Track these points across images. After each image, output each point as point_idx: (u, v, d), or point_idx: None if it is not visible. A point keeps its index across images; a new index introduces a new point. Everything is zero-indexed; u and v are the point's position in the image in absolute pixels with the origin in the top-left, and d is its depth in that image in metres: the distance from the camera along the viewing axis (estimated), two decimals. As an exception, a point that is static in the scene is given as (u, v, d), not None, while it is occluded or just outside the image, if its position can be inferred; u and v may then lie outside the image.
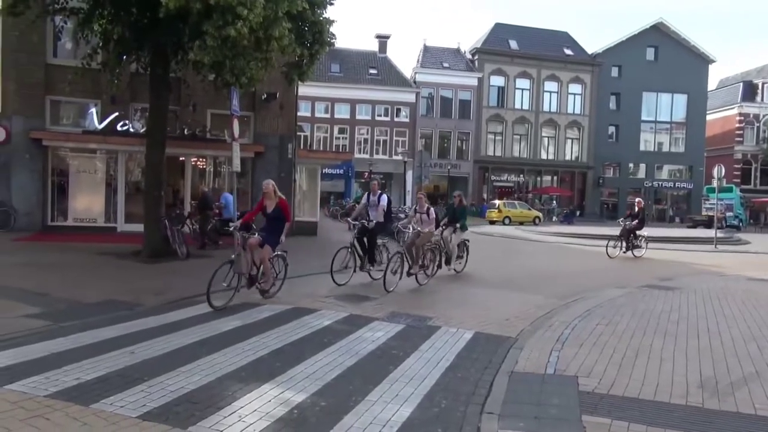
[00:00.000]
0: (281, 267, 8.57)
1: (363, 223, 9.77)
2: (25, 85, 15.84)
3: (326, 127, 41.79)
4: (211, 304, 7.22)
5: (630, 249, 16.16)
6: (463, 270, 12.02)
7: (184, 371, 4.81)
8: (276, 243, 8.05)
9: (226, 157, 17.28)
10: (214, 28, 9.55)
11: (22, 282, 8.41)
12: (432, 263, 10.51)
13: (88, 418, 3.78)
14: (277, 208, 7.98)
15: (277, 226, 8.02)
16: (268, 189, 8.04)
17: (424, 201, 10.53)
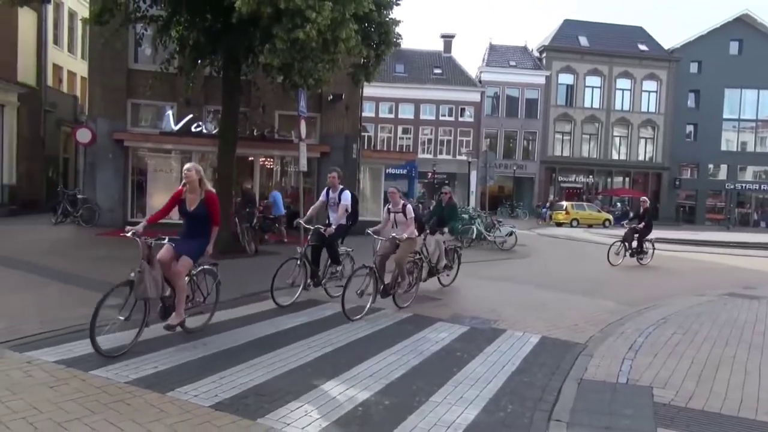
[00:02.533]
0: (209, 287, 6.10)
1: (318, 228, 7.80)
2: (109, 89, 16.83)
3: (390, 127, 41.97)
4: (276, 302, 7.15)
5: (635, 255, 14.30)
6: (452, 284, 9.86)
7: (253, 365, 4.95)
8: (198, 253, 5.66)
9: (293, 157, 17.68)
10: (283, 31, 9.78)
11: (106, 274, 8.91)
12: (411, 277, 8.17)
13: (164, 405, 3.96)
14: (201, 205, 5.61)
15: (200, 229, 5.68)
16: (189, 177, 5.58)
17: (397, 196, 7.89)
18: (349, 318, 6.68)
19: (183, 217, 5.74)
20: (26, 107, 20.89)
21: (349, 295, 6.94)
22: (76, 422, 3.58)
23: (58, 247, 12.43)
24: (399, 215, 7.88)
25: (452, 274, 10.01)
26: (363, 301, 7.14)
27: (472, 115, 42.46)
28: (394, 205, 7.92)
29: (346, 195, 8.09)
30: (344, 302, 6.70)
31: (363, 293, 7.17)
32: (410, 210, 7.81)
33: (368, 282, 7.26)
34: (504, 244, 17.07)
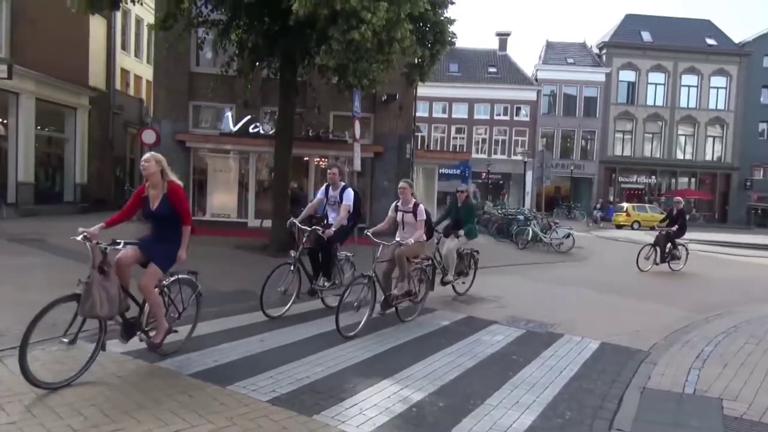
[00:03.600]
0: (186, 300, 5.14)
1: (316, 229, 6.87)
2: (172, 91, 17.48)
3: (444, 127, 41.73)
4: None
5: (666, 260, 13.15)
6: (467, 292, 8.90)
7: (309, 362, 5.02)
8: (169, 260, 4.76)
9: (347, 157, 17.81)
10: (339, 32, 9.89)
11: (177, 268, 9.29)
12: (423, 286, 7.20)
13: (224, 398, 4.08)
14: (164, 202, 4.68)
15: (168, 232, 4.76)
16: (147, 169, 4.65)
17: (409, 193, 6.78)
18: (343, 335, 5.69)
19: (147, 219, 4.82)
20: (96, 110, 22.01)
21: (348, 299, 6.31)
22: (143, 411, 3.73)
23: (125, 243, 13.00)
24: (408, 215, 6.77)
25: (468, 281, 9.03)
26: (361, 315, 6.16)
27: (528, 114, 41.65)
28: (404, 202, 6.80)
29: (349, 193, 7.11)
30: (339, 317, 5.72)
31: (360, 306, 6.15)
32: (422, 211, 6.72)
33: (366, 293, 6.23)
34: (561, 246, 16.65)
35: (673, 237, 13.21)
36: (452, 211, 9.14)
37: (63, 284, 4.66)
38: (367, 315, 6.18)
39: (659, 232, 13.46)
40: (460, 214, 8.93)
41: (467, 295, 8.83)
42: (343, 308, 5.83)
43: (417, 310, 7.09)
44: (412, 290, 6.88)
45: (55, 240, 12.02)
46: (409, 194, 6.76)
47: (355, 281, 6.27)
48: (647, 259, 13.09)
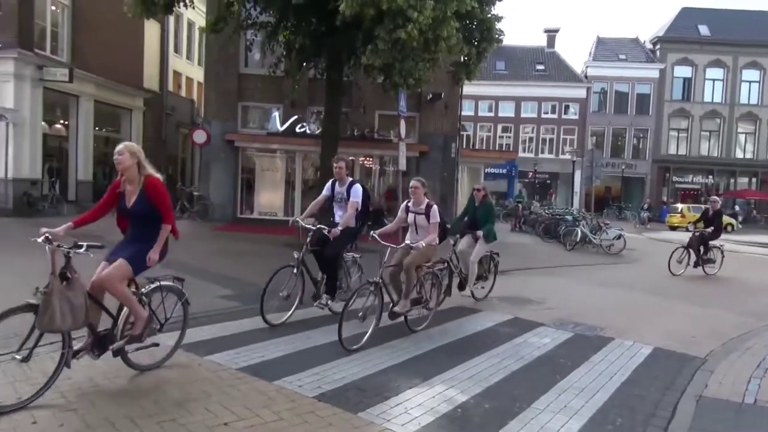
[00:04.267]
0: (169, 310, 4.58)
1: (321, 229, 6.24)
2: (222, 92, 17.95)
3: (490, 125, 41.24)
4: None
5: (700, 264, 12.43)
6: (487, 296, 8.36)
7: (353, 360, 5.05)
8: (141, 259, 4.19)
9: (392, 157, 17.87)
10: (385, 31, 9.92)
11: (220, 266, 9.53)
12: (435, 291, 6.57)
13: (271, 392, 4.15)
14: (142, 197, 4.23)
15: (147, 231, 4.29)
16: (121, 162, 4.19)
17: (421, 193, 6.19)
18: (345, 348, 5.16)
19: (123, 217, 4.38)
20: (150, 111, 22.82)
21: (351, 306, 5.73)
22: (194, 403, 3.84)
23: (179, 239, 13.43)
24: (420, 217, 6.18)
25: (488, 285, 8.44)
26: (367, 325, 5.59)
27: (577, 113, 40.67)
28: (416, 203, 6.20)
29: (357, 189, 6.48)
30: (342, 327, 5.15)
31: (366, 316, 5.59)
32: (436, 213, 6.08)
33: (372, 302, 5.63)
34: (611, 247, 16.19)
35: (708, 239, 12.50)
36: (469, 211, 8.49)
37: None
38: (373, 325, 5.60)
39: (693, 233, 12.77)
40: (477, 213, 8.25)
41: (511, 296, 8.70)
42: (347, 316, 5.28)
43: (429, 318, 6.46)
44: (423, 297, 6.27)
45: (111, 237, 12.52)
46: (422, 194, 6.17)
47: (360, 289, 5.64)
48: (680, 263, 12.38)
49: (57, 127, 18.10)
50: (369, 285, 5.63)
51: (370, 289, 5.60)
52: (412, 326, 6.20)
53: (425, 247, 5.90)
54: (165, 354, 4.59)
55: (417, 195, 6.18)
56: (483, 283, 8.34)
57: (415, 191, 6.17)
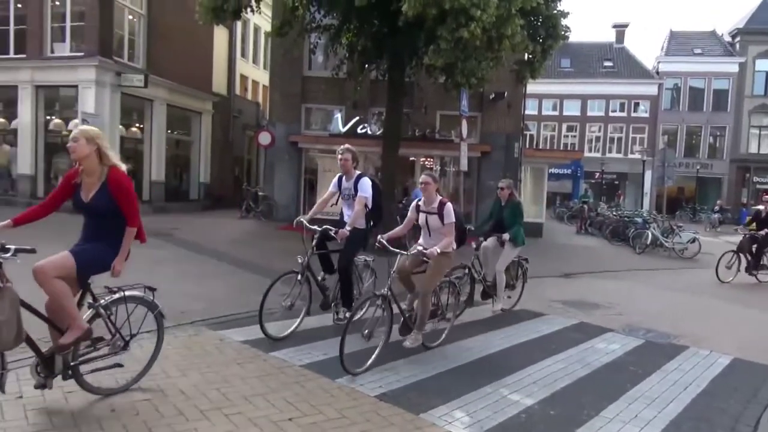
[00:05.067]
0: (135, 325, 3.90)
1: (327, 229, 5.59)
2: (286, 95, 18.36)
3: (554, 125, 40.17)
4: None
5: (753, 270, 11.25)
6: (514, 307, 7.54)
7: (415, 361, 5.05)
8: (92, 259, 3.59)
9: (452, 157, 17.74)
10: (447, 31, 9.84)
11: (285, 265, 9.72)
12: (454, 301, 5.87)
13: (334, 390, 4.20)
14: (103, 191, 3.60)
15: (103, 229, 3.66)
16: (77, 150, 3.52)
17: (433, 189, 5.33)
18: (347, 370, 4.44)
19: (79, 212, 3.71)
20: (218, 114, 23.65)
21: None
22: (260, 398, 3.95)
23: (245, 238, 13.88)
24: (432, 217, 5.33)
25: (515, 295, 7.60)
26: (374, 343, 4.89)
27: (648, 110, 38.95)
28: (428, 201, 5.36)
29: (365, 183, 5.74)
30: (344, 346, 4.40)
31: (371, 334, 4.84)
32: (450, 211, 5.23)
33: (380, 317, 4.89)
34: (684, 251, 15.42)
35: (762, 242, 11.35)
36: (494, 212, 7.55)
37: (188, 275, 5.03)
38: (382, 343, 4.88)
39: (743, 236, 11.62)
40: (503, 214, 7.32)
41: (577, 300, 8.43)
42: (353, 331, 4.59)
43: (446, 332, 5.71)
44: (439, 308, 5.57)
45: (181, 234, 13.11)
46: (433, 190, 5.30)
47: (365, 302, 4.99)
48: (729, 269, 11.33)
49: (133, 130, 19.07)
50: (375, 298, 4.89)
51: (377, 303, 4.86)
52: (427, 342, 5.42)
53: (441, 256, 5.07)
54: (133, 376, 3.99)
55: (428, 191, 5.30)
56: (509, 292, 7.49)
57: (426, 187, 5.28)
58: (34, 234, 3.58)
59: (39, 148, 17.50)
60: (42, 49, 17.02)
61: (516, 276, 7.66)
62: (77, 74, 16.55)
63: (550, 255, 14.65)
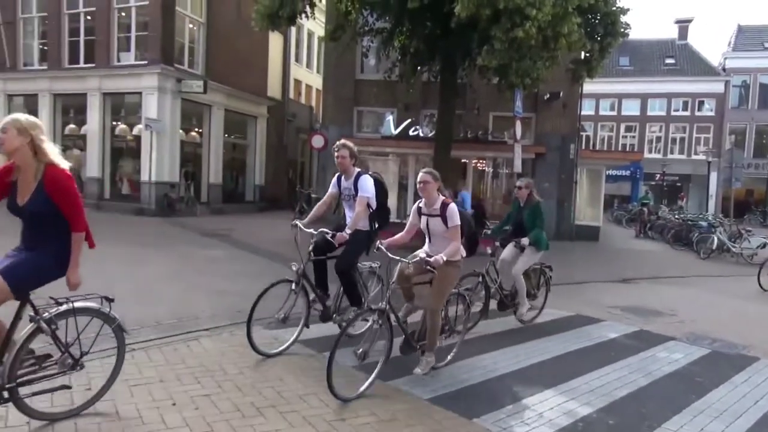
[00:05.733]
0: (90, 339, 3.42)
1: (323, 232, 5.06)
2: (339, 98, 18.60)
3: (611, 125, 38.90)
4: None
5: None
6: (535, 319, 6.78)
7: (467, 364, 4.98)
8: (29, 274, 3.17)
9: (505, 159, 17.47)
10: (501, 31, 9.71)
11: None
12: (464, 314, 5.15)
13: (386, 392, 4.21)
14: (40, 193, 3.15)
15: (41, 235, 3.22)
16: (4, 141, 3.10)
17: (433, 189, 4.60)
18: (337, 396, 3.92)
19: (15, 214, 3.23)
20: (273, 118, 24.19)
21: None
22: (313, 397, 3.99)
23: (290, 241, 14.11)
24: (434, 221, 4.61)
25: (537, 305, 6.86)
26: (370, 365, 4.32)
27: (713, 109, 37.14)
28: (429, 202, 4.64)
29: (365, 182, 5.17)
30: (332, 364, 3.87)
31: (367, 354, 4.28)
32: (454, 213, 4.50)
33: (376, 334, 4.31)
34: (753, 257, 14.59)
35: None
36: (512, 215, 6.86)
37: (242, 274, 5.14)
38: (380, 364, 4.28)
39: None
40: (522, 217, 6.64)
41: (636, 307, 8.12)
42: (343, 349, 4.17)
43: (455, 348, 5.09)
44: (447, 323, 4.91)
45: (237, 235, 13.49)
46: (434, 190, 4.57)
47: (358, 316, 4.45)
48: None
49: (192, 134, 19.76)
50: (371, 313, 4.34)
51: (374, 318, 4.31)
52: (431, 364, 4.71)
53: (447, 266, 4.39)
54: (88, 398, 3.54)
55: (427, 191, 4.58)
56: (531, 303, 6.66)
57: (425, 187, 4.56)
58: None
59: (106, 153, 18.40)
60: (109, 59, 17.90)
61: (537, 285, 6.89)
62: (141, 81, 17.31)
63: (607, 259, 14.21)
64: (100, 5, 17.85)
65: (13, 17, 19.20)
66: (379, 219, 5.39)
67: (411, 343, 4.69)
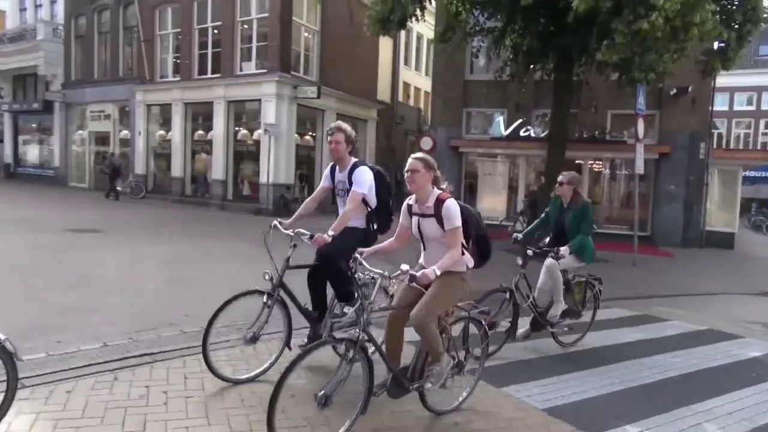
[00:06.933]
0: None
1: (300, 232, 4.15)
2: (448, 100, 18.53)
3: (749, 121, 35.26)
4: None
5: None
6: (580, 341, 5.64)
7: (586, 376, 4.72)
8: None
9: (624, 159, 16.48)
10: (623, 24, 9.14)
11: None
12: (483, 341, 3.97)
13: (499, 398, 4.09)
14: None
15: None
16: None
17: (425, 180, 3.47)
18: None
19: None
20: (382, 121, 24.64)
21: None
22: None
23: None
24: (427, 222, 3.51)
25: (580, 327, 5.60)
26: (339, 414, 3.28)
27: None
28: (420, 198, 3.53)
29: (361, 174, 4.34)
30: (274, 408, 2.88)
31: (328, 399, 3.07)
32: (452, 210, 3.38)
33: (344, 376, 3.12)
34: None
35: None
36: (551, 217, 5.51)
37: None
38: (356, 413, 3.23)
39: None
40: (565, 220, 5.36)
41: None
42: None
43: (474, 382, 3.98)
44: (453, 354, 3.68)
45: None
46: (426, 182, 3.47)
47: (318, 347, 3.15)
48: None
49: (306, 138, 20.65)
50: (337, 342, 3.40)
51: (341, 352, 3.42)
52: (437, 407, 3.71)
53: (441, 280, 3.31)
54: None
55: (416, 184, 3.47)
56: (571, 321, 5.47)
57: (413, 177, 3.46)
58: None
59: (229, 156, 19.74)
60: (233, 69, 19.19)
61: (583, 301, 5.60)
62: (261, 89, 18.38)
63: (743, 269, 12.90)
64: (226, 19, 19.20)
65: (152, 35, 21.19)
66: (378, 219, 4.43)
67: (402, 382, 3.42)
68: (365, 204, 4.40)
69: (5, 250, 8.90)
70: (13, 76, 27.71)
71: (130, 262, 8.56)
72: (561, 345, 5.46)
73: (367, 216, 4.45)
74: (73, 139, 25.60)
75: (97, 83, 23.49)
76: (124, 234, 11.73)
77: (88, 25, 23.96)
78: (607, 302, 7.13)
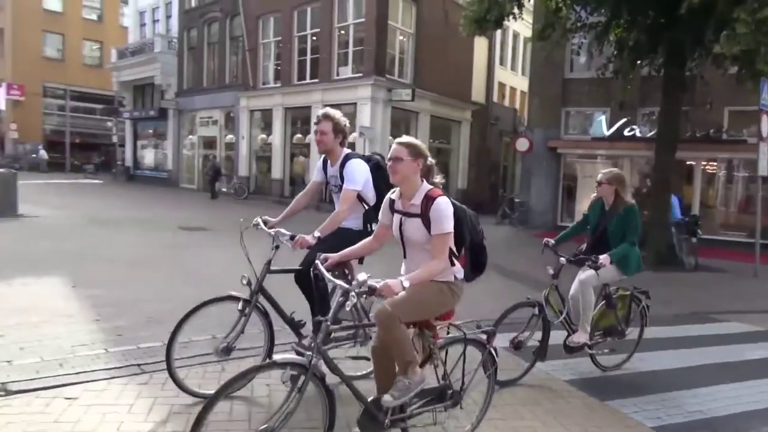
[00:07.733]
0: None
1: (279, 233, 3.65)
2: (546, 99, 17.96)
3: None
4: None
5: None
6: (625, 364, 4.90)
7: (703, 394, 4.38)
8: None
9: (743, 160, 15.16)
10: (747, 12, 8.40)
11: (541, 274, 9.53)
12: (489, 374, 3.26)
13: (603, 413, 3.88)
14: None
15: None
16: None
17: (411, 170, 2.87)
18: None
19: None
20: (476, 122, 24.34)
21: None
22: (524, 408, 3.87)
23: (500, 244, 13.98)
24: (412, 223, 2.92)
25: (625, 347, 4.91)
26: None
27: None
28: (405, 193, 2.99)
29: (353, 168, 3.85)
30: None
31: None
32: (443, 210, 2.82)
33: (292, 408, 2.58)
34: None
35: None
36: (591, 221, 4.79)
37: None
38: None
39: None
40: (608, 224, 4.61)
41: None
42: None
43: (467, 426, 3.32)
44: (447, 382, 3.04)
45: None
46: (414, 173, 2.93)
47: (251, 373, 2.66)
48: None
49: (400, 140, 20.86)
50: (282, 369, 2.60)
51: (286, 381, 2.63)
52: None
53: (424, 283, 2.76)
54: None
55: (400, 175, 2.90)
56: (614, 341, 4.80)
57: (395, 166, 2.88)
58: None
59: (325, 159, 20.35)
60: (330, 74, 19.78)
61: (627, 318, 4.84)
62: (356, 93, 18.80)
63: None
64: (324, 26, 19.83)
65: (255, 44, 22.33)
66: (377, 218, 3.32)
67: (374, 414, 2.78)
68: (361, 201, 3.87)
69: (134, 243, 10.14)
70: (134, 86, 30.36)
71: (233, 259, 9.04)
72: (601, 368, 4.74)
73: (365, 215, 3.90)
74: (184, 143, 27.59)
75: (206, 91, 25.15)
76: (227, 233, 12.43)
77: (199, 37, 25.72)
78: (723, 314, 6.59)
